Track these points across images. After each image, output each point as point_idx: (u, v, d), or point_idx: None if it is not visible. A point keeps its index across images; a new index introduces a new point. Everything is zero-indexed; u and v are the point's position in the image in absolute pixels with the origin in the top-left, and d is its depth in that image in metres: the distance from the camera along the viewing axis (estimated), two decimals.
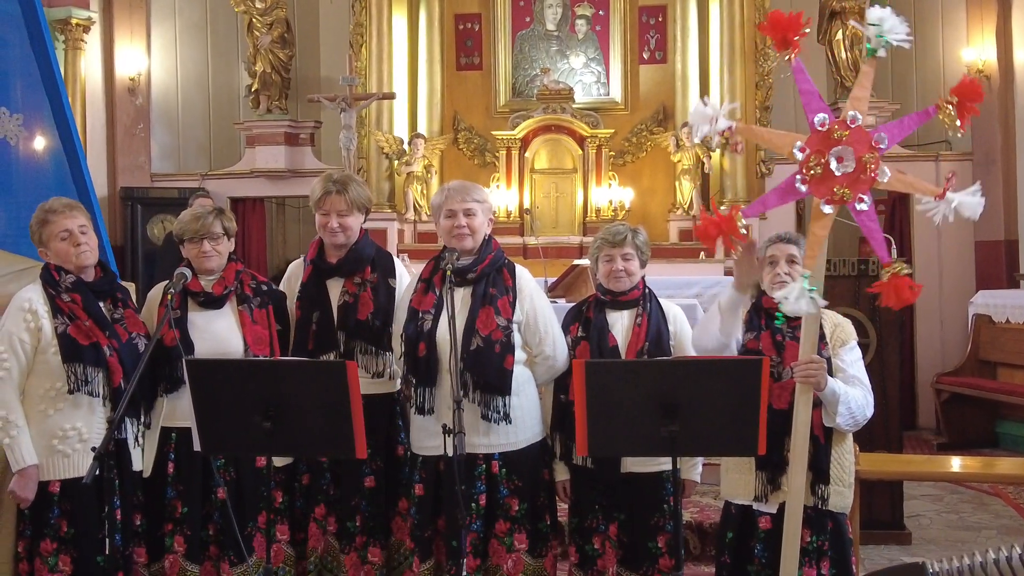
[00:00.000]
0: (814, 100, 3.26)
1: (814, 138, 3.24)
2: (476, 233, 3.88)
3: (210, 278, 4.02)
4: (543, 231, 10.77)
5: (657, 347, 3.89)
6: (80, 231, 3.83)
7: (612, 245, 3.97)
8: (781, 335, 3.64)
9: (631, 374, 3.27)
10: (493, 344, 3.75)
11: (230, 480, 3.91)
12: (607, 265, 3.99)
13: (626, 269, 3.96)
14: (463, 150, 11.69)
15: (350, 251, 4.11)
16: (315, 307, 4.07)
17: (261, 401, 3.20)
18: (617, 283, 3.97)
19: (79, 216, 3.87)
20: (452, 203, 3.88)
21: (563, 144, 11.09)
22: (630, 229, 4.02)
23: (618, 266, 3.96)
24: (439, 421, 3.65)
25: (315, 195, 4.10)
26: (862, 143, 3.21)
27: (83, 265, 3.84)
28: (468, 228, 3.86)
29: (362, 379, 3.81)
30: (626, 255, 3.96)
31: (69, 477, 3.71)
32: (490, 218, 3.98)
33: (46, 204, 3.91)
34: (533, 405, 3.92)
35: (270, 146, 11.17)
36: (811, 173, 3.22)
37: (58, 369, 3.72)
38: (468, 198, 3.88)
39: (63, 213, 3.84)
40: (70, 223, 3.82)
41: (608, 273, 3.98)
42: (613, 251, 3.97)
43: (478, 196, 3.92)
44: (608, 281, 3.99)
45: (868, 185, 3.21)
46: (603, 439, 3.23)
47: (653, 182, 11.35)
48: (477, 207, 3.89)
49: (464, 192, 3.90)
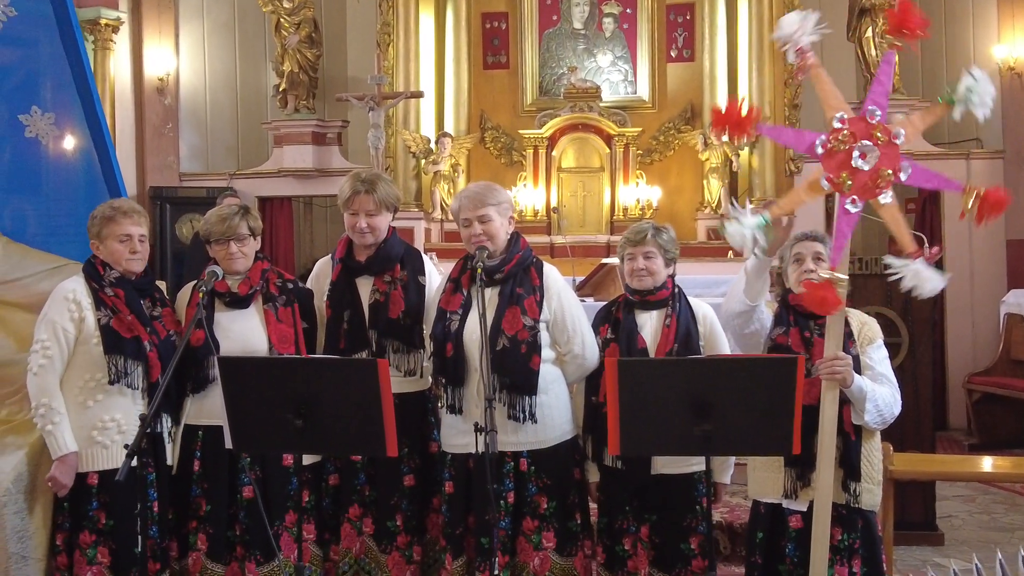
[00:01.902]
0: (882, 94, 3.26)
1: (858, 121, 3.23)
2: (494, 238, 3.85)
3: (236, 278, 4.04)
4: (570, 230, 10.75)
5: (686, 348, 3.86)
6: (139, 239, 3.92)
7: (634, 244, 3.95)
8: (809, 331, 3.63)
9: (664, 373, 3.25)
10: (519, 344, 3.74)
11: (256, 479, 3.91)
12: (629, 264, 3.96)
13: (648, 268, 3.92)
14: (490, 149, 11.69)
15: (379, 249, 4.10)
16: (346, 306, 4.07)
17: (293, 399, 3.20)
18: (639, 282, 3.94)
19: (143, 225, 3.95)
20: (466, 211, 3.86)
21: (590, 143, 11.06)
22: (653, 227, 3.98)
23: (639, 265, 3.93)
24: (468, 420, 3.65)
25: (343, 195, 4.10)
26: (890, 159, 3.21)
27: (131, 271, 3.91)
28: (485, 235, 3.83)
29: (394, 377, 3.81)
30: (648, 254, 3.93)
31: (107, 468, 3.76)
32: (510, 216, 3.94)
33: (116, 202, 4.00)
34: (562, 404, 3.90)
35: (298, 145, 11.20)
36: (833, 145, 3.21)
37: (99, 360, 3.77)
38: (481, 205, 3.84)
39: (131, 217, 3.91)
40: (134, 229, 3.90)
41: (630, 271, 3.96)
42: (635, 250, 3.95)
43: (492, 199, 3.87)
44: (631, 280, 3.97)
45: (869, 195, 3.21)
46: (635, 438, 3.21)
47: (681, 180, 11.31)
48: (492, 211, 3.85)
49: (477, 199, 3.86)
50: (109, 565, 3.76)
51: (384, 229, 4.11)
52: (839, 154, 3.21)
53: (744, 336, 3.71)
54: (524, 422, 3.74)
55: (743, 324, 3.66)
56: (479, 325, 3.55)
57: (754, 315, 3.62)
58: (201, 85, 11.86)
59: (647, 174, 11.05)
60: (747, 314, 3.61)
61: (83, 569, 3.75)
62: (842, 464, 3.51)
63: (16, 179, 4.82)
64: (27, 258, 4.50)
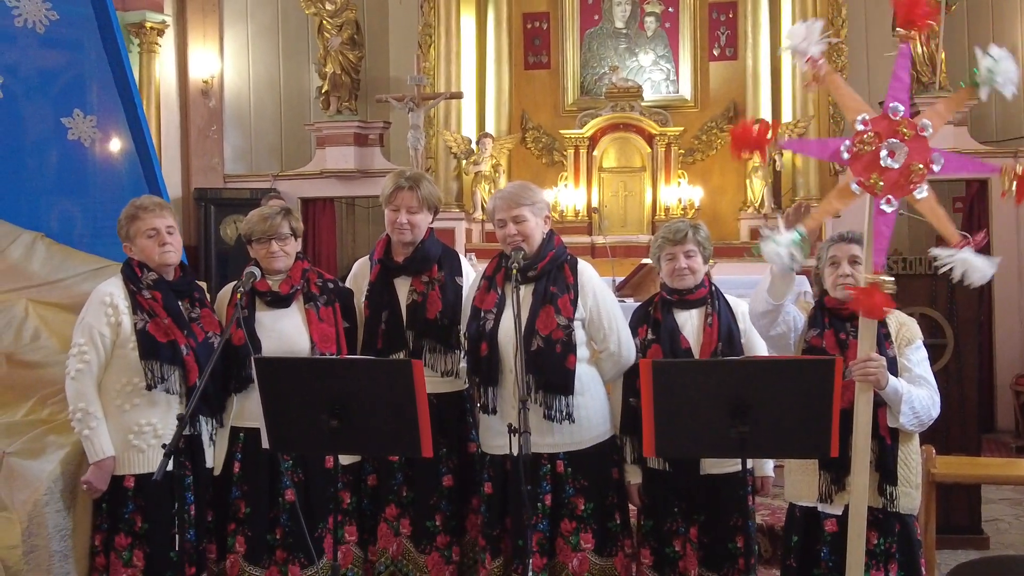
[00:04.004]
0: (901, 90, 3.22)
1: (881, 120, 3.20)
2: (530, 238, 3.84)
3: (277, 278, 4.05)
4: (611, 230, 10.70)
5: (729, 346, 3.85)
6: (167, 231, 3.91)
7: (674, 243, 3.92)
8: (845, 333, 3.59)
9: (699, 374, 3.24)
10: (554, 344, 3.73)
11: (298, 482, 3.92)
12: (670, 263, 3.94)
13: (689, 267, 3.91)
14: (531, 149, 11.67)
15: (416, 250, 4.11)
16: (384, 306, 4.08)
17: (328, 399, 3.22)
18: (681, 281, 3.92)
19: (168, 216, 3.95)
20: (501, 212, 3.86)
21: (631, 142, 11.01)
22: (690, 225, 3.97)
23: (681, 264, 3.91)
24: (504, 420, 3.64)
25: (386, 191, 4.10)
26: (920, 153, 3.17)
27: (166, 264, 3.90)
28: (520, 235, 3.83)
29: (432, 378, 3.84)
30: (688, 252, 3.91)
31: (143, 472, 3.77)
32: (546, 216, 3.93)
33: (137, 200, 3.99)
34: (599, 404, 3.89)
35: (340, 147, 11.26)
36: (859, 148, 3.18)
37: (135, 365, 3.78)
38: (516, 205, 3.84)
39: (153, 211, 3.91)
40: (159, 222, 3.89)
41: (672, 272, 3.93)
42: (675, 249, 3.92)
43: (527, 199, 3.86)
44: (672, 280, 3.94)
45: (902, 193, 3.17)
46: (671, 440, 3.20)
47: (723, 180, 11.23)
48: (527, 212, 3.84)
49: (511, 199, 3.86)
50: (144, 568, 3.77)
51: (423, 228, 4.12)
52: (866, 156, 3.18)
53: (771, 338, 3.68)
54: (561, 423, 3.73)
55: (768, 324, 3.63)
56: (514, 325, 3.55)
57: (779, 315, 3.58)
58: (245, 87, 11.96)
59: (689, 174, 10.99)
60: (772, 314, 3.58)
61: (119, 571, 3.77)
62: (878, 468, 3.47)
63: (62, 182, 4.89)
64: (69, 259, 4.56)
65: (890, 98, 3.20)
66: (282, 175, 11.56)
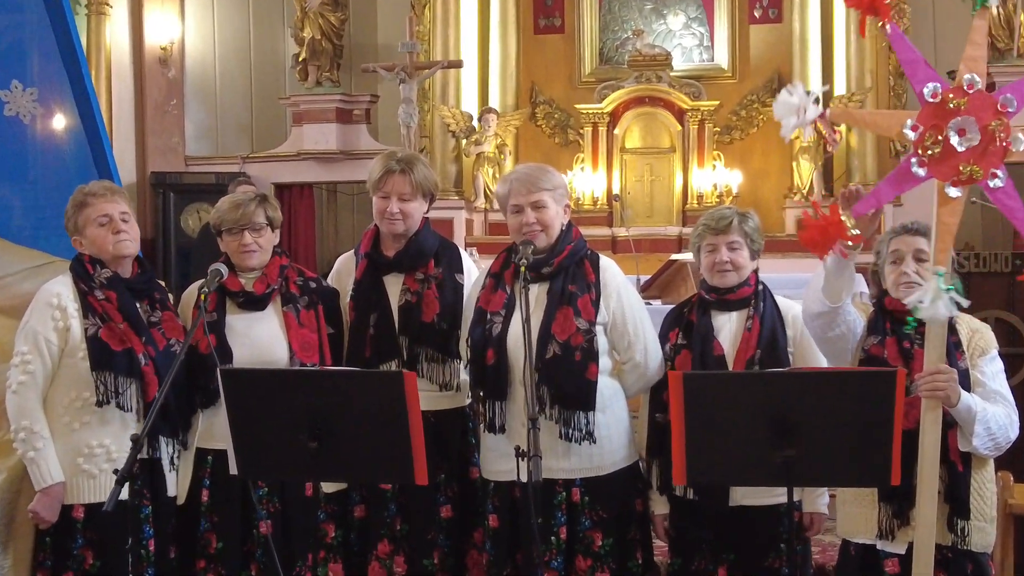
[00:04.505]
0: (919, 69, 3.24)
1: (927, 112, 3.20)
2: (549, 228, 3.83)
3: (251, 275, 4.05)
4: (635, 221, 10.72)
5: (771, 355, 3.82)
6: (122, 218, 3.89)
7: (716, 232, 3.91)
8: (909, 341, 3.56)
9: (738, 388, 3.24)
10: (572, 351, 3.72)
11: (274, 512, 3.92)
12: (710, 256, 3.92)
13: (732, 261, 3.89)
14: (542, 127, 11.70)
15: (410, 242, 4.10)
16: (372, 308, 4.07)
17: (306, 417, 3.20)
18: (722, 278, 3.90)
19: (121, 202, 3.94)
20: (517, 196, 3.84)
21: (659, 119, 11.03)
22: (737, 213, 3.95)
23: (723, 257, 3.89)
24: (512, 441, 3.63)
25: (374, 175, 4.10)
26: (986, 110, 3.17)
27: (121, 256, 3.89)
28: (539, 224, 3.82)
29: (429, 392, 3.85)
30: (732, 244, 3.89)
31: (95, 501, 3.75)
32: (566, 204, 3.94)
33: (86, 187, 3.98)
34: (621, 423, 3.89)
35: (320, 124, 11.30)
36: (929, 153, 3.19)
37: (86, 376, 3.77)
38: (536, 188, 3.83)
39: (104, 196, 3.90)
40: (111, 208, 3.89)
41: (711, 266, 3.92)
42: (717, 239, 3.91)
43: (548, 183, 3.86)
44: (712, 276, 3.93)
45: (1000, 157, 3.18)
46: (704, 465, 3.19)
47: (766, 163, 11.24)
48: (547, 197, 3.84)
49: (530, 182, 3.85)
50: None
51: (417, 219, 4.11)
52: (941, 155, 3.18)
53: (827, 340, 3.66)
54: (580, 443, 3.73)
55: (824, 326, 3.61)
56: (523, 329, 3.54)
57: (837, 317, 3.58)
58: (210, 55, 11.99)
59: (726, 155, 11.01)
60: (828, 315, 3.57)
61: None
62: (947, 499, 3.44)
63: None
64: (6, 254, 4.54)
65: (917, 84, 3.22)
66: (253, 157, 11.60)
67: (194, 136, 11.80)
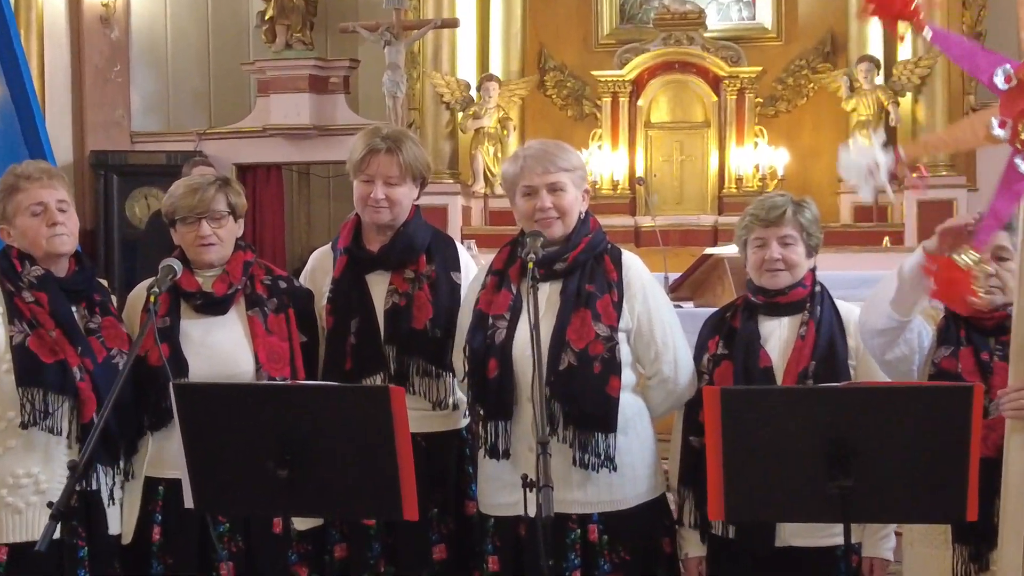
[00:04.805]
0: (979, 59, 3.25)
1: (1007, 101, 3.20)
2: (567, 215, 3.83)
3: (210, 273, 4.04)
4: (663, 208, 10.72)
5: (829, 368, 3.81)
6: (59, 207, 3.87)
7: (766, 224, 3.89)
8: (988, 352, 3.57)
9: (786, 406, 3.23)
10: (591, 361, 3.71)
11: (237, 552, 3.92)
12: (758, 252, 3.90)
13: (785, 258, 3.86)
14: (552, 97, 11.72)
15: (398, 235, 4.11)
16: (353, 312, 4.08)
17: (275, 441, 3.20)
18: (773, 278, 3.88)
19: (60, 188, 3.93)
20: (530, 176, 3.83)
21: (691, 88, 11.05)
22: (792, 201, 3.92)
23: (774, 253, 3.87)
24: (517, 468, 3.63)
25: (355, 155, 4.10)
26: None
27: (56, 253, 3.89)
28: (556, 210, 3.81)
29: (420, 411, 3.87)
30: (786, 238, 3.87)
31: (21, 540, 3.75)
32: (586, 190, 3.93)
33: (18, 167, 3.97)
34: (646, 448, 3.88)
35: (290, 94, 11.32)
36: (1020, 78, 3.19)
37: (11, 393, 3.75)
38: (552, 167, 3.82)
39: (39, 181, 3.89)
40: (47, 195, 3.88)
41: (759, 264, 3.90)
42: (767, 233, 3.89)
43: (566, 162, 3.85)
44: (759, 275, 3.91)
45: None
46: (746, 498, 3.20)
47: (817, 140, 11.25)
48: (566, 179, 3.83)
49: (546, 159, 3.84)
50: None
51: (406, 206, 4.12)
52: None
53: (886, 363, 3.67)
54: (597, 471, 3.72)
55: (887, 345, 3.61)
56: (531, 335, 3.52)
57: (903, 334, 3.57)
58: (160, 14, 12.01)
59: (769, 131, 11.02)
60: (894, 332, 3.56)
61: None
62: None
63: None
64: None
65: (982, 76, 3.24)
66: (211, 133, 11.62)
67: (141, 109, 11.82)
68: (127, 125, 11.58)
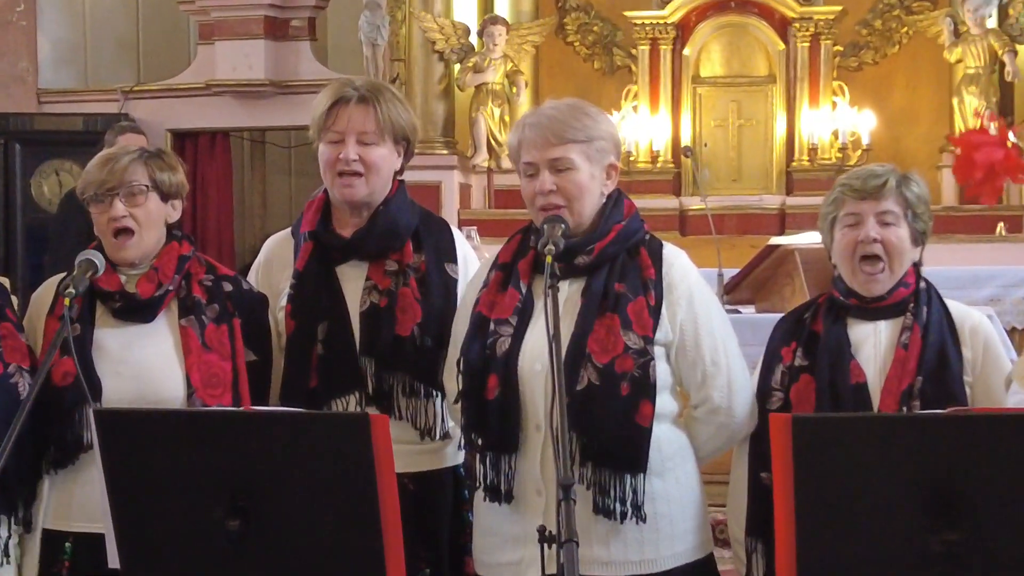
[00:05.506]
0: None
1: None
2: (575, 201, 3.77)
3: (134, 271, 4.05)
4: (715, 187, 10.76)
5: (939, 385, 3.80)
6: None
7: (862, 195, 3.85)
8: None
9: (879, 438, 3.22)
10: (616, 381, 3.69)
11: None
12: (850, 233, 3.86)
13: (884, 240, 3.82)
14: (574, 44, 11.75)
15: (376, 215, 4.13)
16: (320, 315, 4.10)
17: (224, 483, 3.21)
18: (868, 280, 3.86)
19: None
20: (530, 151, 3.79)
21: (751, 33, 11.08)
22: (894, 173, 3.90)
23: (870, 232, 3.84)
24: (522, 517, 3.66)
25: (320, 107, 4.09)
26: None
27: None
28: (560, 193, 3.76)
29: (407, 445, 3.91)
30: (886, 215, 3.83)
31: None
32: (611, 164, 3.89)
33: None
34: (690, 496, 3.88)
35: (240, 41, 11.35)
36: None
37: None
38: (555, 138, 3.77)
39: None
40: None
41: (851, 248, 3.85)
42: (862, 206, 3.84)
43: (578, 131, 3.79)
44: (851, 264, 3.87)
45: None
46: (825, 555, 3.20)
47: (912, 99, 11.28)
48: (575, 153, 3.77)
49: (550, 128, 3.79)
50: None
51: (386, 176, 4.12)
52: None
53: None
54: (623, 521, 3.72)
55: None
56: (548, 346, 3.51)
57: None
58: None
59: (851, 88, 11.04)
60: None
61: None
62: None
63: None
64: None
65: None
66: (139, 91, 11.65)
67: (51, 61, 11.86)
68: (33, 81, 11.61)
